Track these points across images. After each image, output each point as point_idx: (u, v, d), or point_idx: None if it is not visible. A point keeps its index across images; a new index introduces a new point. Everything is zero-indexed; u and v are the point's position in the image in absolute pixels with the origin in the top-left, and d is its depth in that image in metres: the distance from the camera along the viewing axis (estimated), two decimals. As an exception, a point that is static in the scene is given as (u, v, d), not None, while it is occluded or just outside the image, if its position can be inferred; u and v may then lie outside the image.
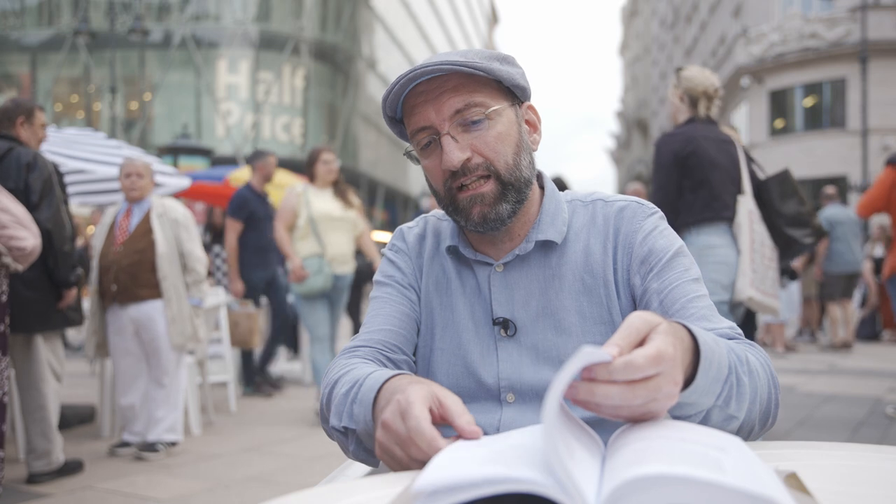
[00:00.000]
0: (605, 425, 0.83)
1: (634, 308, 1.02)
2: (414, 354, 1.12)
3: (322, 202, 4.58)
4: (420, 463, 0.70)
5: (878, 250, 9.67)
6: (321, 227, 4.51)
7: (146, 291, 3.73)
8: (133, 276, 3.72)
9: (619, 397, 0.61)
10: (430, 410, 0.74)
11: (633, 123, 58.84)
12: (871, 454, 0.75)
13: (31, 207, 3.20)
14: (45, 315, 3.31)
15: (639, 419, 0.64)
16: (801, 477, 0.59)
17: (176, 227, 3.83)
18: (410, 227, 1.18)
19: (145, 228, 3.79)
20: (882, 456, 0.74)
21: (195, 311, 3.89)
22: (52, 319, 3.35)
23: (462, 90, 0.98)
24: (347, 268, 4.66)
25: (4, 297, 2.81)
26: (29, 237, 2.86)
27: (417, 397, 0.74)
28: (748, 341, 0.94)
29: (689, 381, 0.73)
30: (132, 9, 25.07)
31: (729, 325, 0.96)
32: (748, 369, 0.84)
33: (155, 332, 3.73)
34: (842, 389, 5.50)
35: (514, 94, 1.04)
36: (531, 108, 1.08)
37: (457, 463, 0.56)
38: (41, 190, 3.21)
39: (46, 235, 3.19)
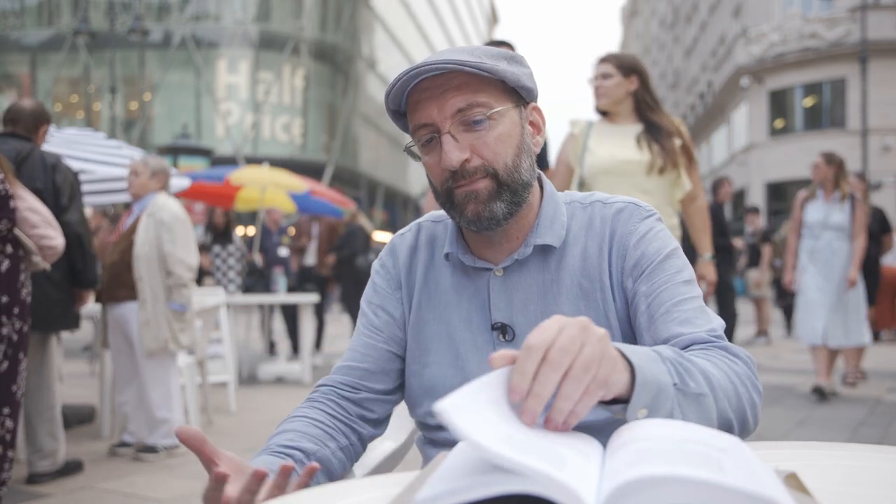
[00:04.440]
0: (606, 430, 0.83)
1: (628, 311, 1.02)
2: (403, 372, 1.12)
3: (611, 146, 2.84)
4: None
5: None
6: (600, 186, 2.81)
7: (123, 292, 3.67)
8: (114, 275, 3.69)
9: (550, 380, 0.63)
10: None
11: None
12: (871, 454, 0.75)
13: (61, 209, 3.26)
14: (66, 315, 3.41)
15: (599, 387, 0.66)
16: (801, 477, 0.59)
17: (159, 228, 3.67)
18: (403, 237, 1.17)
19: (133, 228, 3.73)
20: (882, 456, 0.74)
21: (177, 316, 3.70)
22: (70, 319, 3.45)
23: (466, 89, 0.96)
24: None
25: (28, 298, 2.82)
26: (57, 236, 2.90)
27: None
28: (725, 347, 0.92)
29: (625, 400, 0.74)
30: (132, 9, 25.06)
31: (708, 329, 0.94)
32: (705, 381, 0.82)
33: (130, 334, 3.68)
34: (842, 389, 5.50)
35: (520, 94, 1.03)
36: (536, 109, 1.06)
37: (457, 473, 0.56)
38: (70, 193, 3.31)
39: (76, 238, 3.29)
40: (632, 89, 2.87)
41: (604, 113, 2.98)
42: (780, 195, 23.08)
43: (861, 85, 19.79)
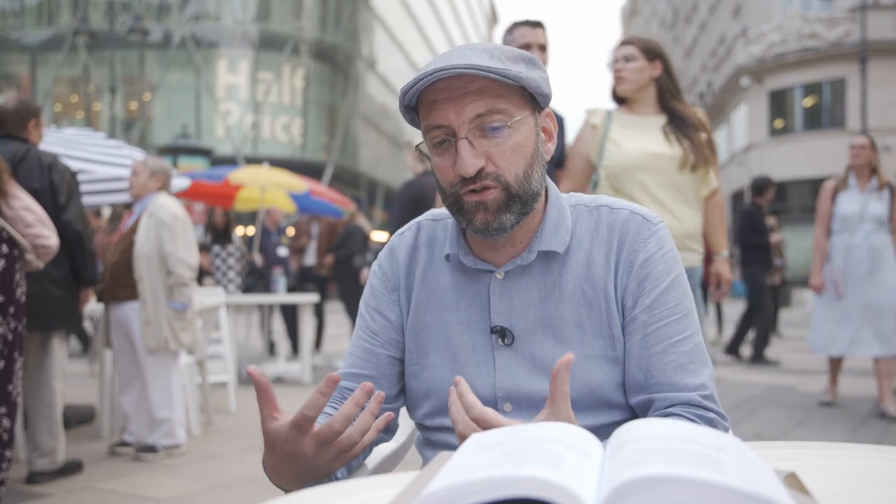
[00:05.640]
0: (604, 432, 0.83)
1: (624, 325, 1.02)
2: (402, 373, 1.12)
3: (638, 138, 2.65)
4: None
5: None
6: (631, 183, 2.61)
7: (124, 292, 3.68)
8: (115, 275, 3.70)
9: None
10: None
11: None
12: (871, 454, 0.75)
13: (60, 208, 3.26)
14: (68, 314, 3.41)
15: None
16: (800, 477, 0.59)
17: (160, 228, 3.68)
18: (402, 236, 1.15)
19: (134, 228, 3.74)
20: (882, 456, 0.74)
21: (178, 315, 3.70)
22: (73, 318, 3.45)
23: (486, 94, 0.94)
24: (689, 256, 2.66)
25: (23, 298, 2.83)
26: (51, 236, 2.91)
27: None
28: (711, 420, 0.95)
29: None
30: (132, 9, 25.07)
31: (699, 384, 0.97)
32: None
33: (132, 333, 3.68)
34: (842, 389, 5.50)
35: (536, 100, 1.00)
36: (549, 115, 1.04)
37: (461, 469, 0.56)
38: (67, 191, 3.31)
39: (76, 236, 3.30)
40: (655, 75, 2.68)
41: (621, 101, 2.77)
42: (781, 195, 23.07)
43: (861, 85, 19.75)
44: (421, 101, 0.99)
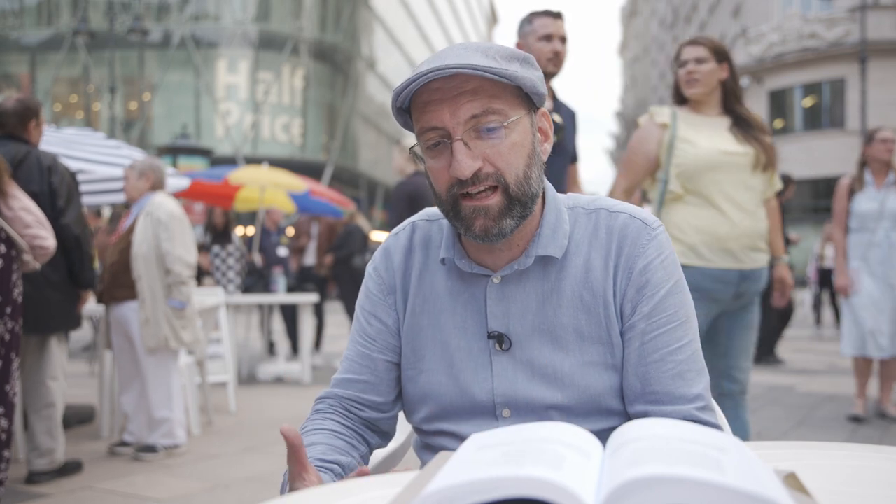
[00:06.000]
0: (602, 439, 0.83)
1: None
2: (399, 378, 1.10)
3: (708, 137, 2.57)
4: None
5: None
6: (707, 183, 2.52)
7: (123, 292, 3.68)
8: (114, 276, 3.71)
9: None
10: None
11: (633, 124, 58.70)
12: (871, 454, 0.75)
13: (58, 211, 3.24)
14: (66, 315, 3.40)
15: None
16: (800, 477, 0.59)
17: (157, 227, 3.67)
18: (397, 237, 1.12)
19: (132, 228, 3.74)
20: (882, 456, 0.74)
21: (177, 313, 3.72)
22: (71, 320, 3.45)
23: (481, 94, 0.91)
24: (760, 257, 2.59)
25: (20, 298, 2.83)
26: (49, 237, 2.91)
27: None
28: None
29: None
30: (131, 9, 25.06)
31: (695, 395, 0.96)
32: None
33: (131, 333, 3.68)
34: (842, 389, 5.50)
35: (531, 100, 0.98)
36: (545, 115, 1.02)
37: (461, 469, 0.56)
38: (67, 194, 3.29)
39: (74, 239, 3.28)
40: (723, 77, 2.64)
41: (682, 102, 2.69)
42: (780, 195, 23.09)
43: (860, 85, 19.78)
44: (414, 102, 0.96)
